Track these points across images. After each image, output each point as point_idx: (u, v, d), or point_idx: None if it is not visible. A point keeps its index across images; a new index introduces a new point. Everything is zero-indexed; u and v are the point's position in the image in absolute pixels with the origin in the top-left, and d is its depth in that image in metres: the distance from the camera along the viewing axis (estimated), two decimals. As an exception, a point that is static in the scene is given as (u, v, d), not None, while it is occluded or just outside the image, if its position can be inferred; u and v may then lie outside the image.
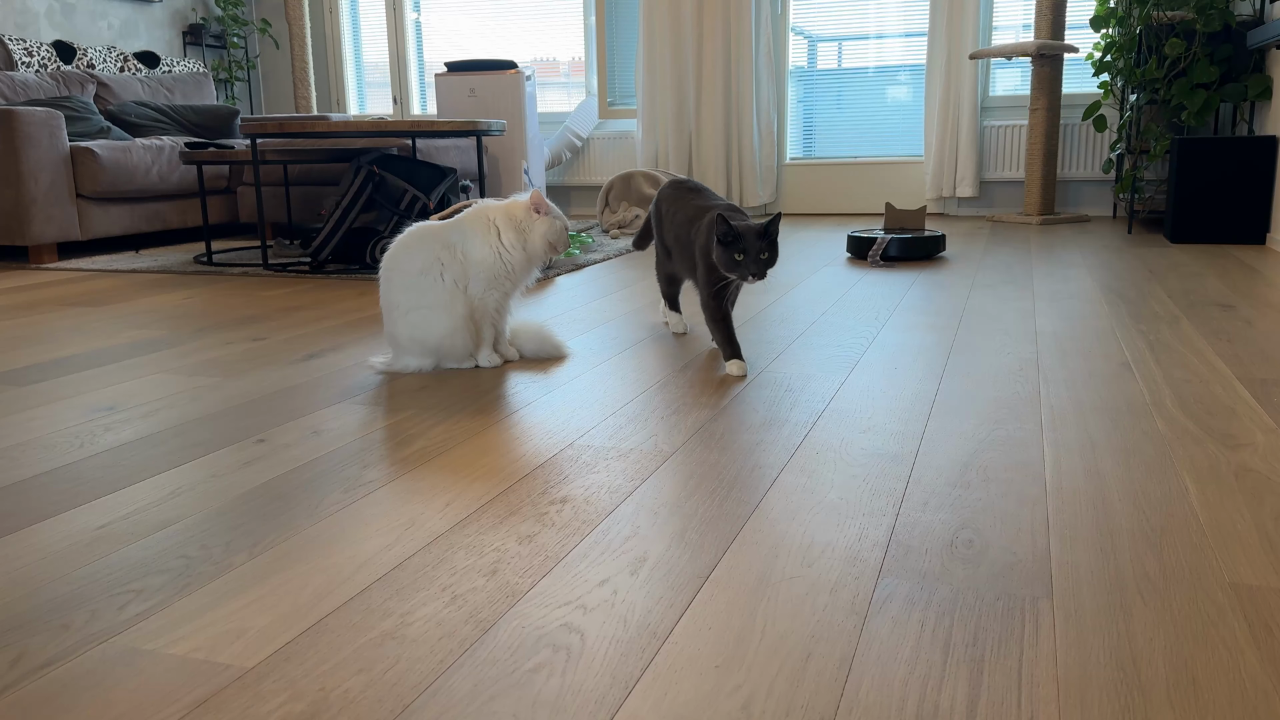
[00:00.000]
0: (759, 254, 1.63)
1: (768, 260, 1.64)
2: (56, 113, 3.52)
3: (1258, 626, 0.83)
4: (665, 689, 0.76)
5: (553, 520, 1.09)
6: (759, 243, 1.62)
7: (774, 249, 1.65)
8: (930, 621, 0.85)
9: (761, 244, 1.63)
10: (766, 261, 1.64)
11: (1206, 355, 1.81)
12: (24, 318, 2.46)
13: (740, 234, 1.62)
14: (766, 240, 1.64)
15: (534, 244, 1.77)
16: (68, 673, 0.80)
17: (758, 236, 1.62)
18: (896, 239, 3.17)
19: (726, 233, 1.62)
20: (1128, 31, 3.89)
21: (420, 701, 0.75)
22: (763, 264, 1.63)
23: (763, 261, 1.63)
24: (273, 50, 5.69)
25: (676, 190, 1.93)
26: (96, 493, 1.20)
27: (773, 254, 1.65)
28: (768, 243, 1.64)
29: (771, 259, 1.65)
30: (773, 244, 1.65)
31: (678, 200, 1.90)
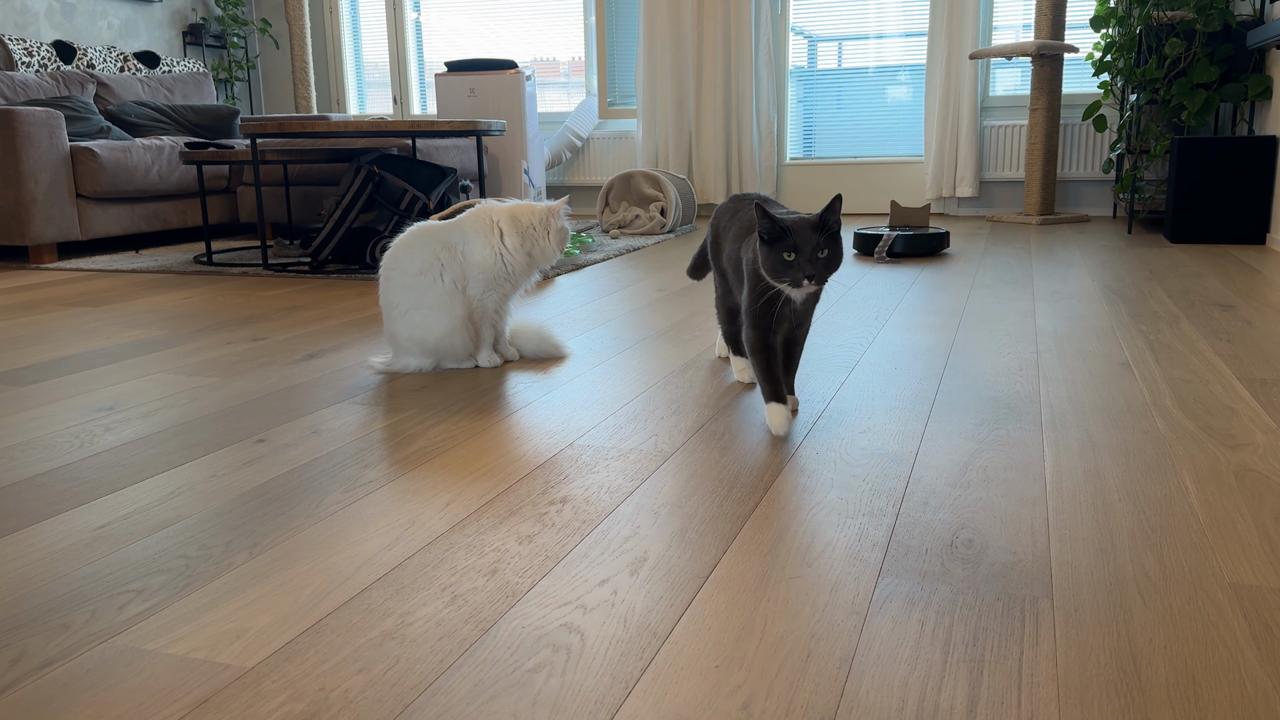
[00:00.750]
0: (815, 251, 1.26)
1: (827, 260, 1.27)
2: (56, 112, 3.52)
3: (1258, 626, 0.83)
4: (665, 689, 0.76)
5: (553, 520, 1.09)
6: (815, 237, 1.26)
7: (836, 245, 1.28)
8: (930, 621, 0.85)
9: (818, 239, 1.26)
10: (826, 261, 1.27)
11: (1206, 355, 1.81)
12: (24, 318, 2.46)
13: (789, 228, 1.27)
14: (825, 234, 1.27)
15: (547, 249, 1.77)
16: (67, 673, 0.80)
17: (813, 229, 1.27)
18: (902, 236, 3.26)
19: (770, 227, 1.26)
20: (1128, 31, 3.89)
21: (420, 701, 0.75)
22: (820, 264, 1.26)
23: (820, 261, 1.26)
24: (273, 50, 5.69)
25: (735, 204, 1.58)
26: (96, 493, 1.20)
27: (834, 252, 1.28)
28: (827, 237, 1.27)
29: (833, 258, 1.28)
30: (834, 239, 1.28)
31: (735, 216, 1.54)
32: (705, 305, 2.45)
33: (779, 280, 1.29)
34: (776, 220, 1.27)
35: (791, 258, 1.27)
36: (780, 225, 1.27)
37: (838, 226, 1.28)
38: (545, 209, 1.77)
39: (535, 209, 1.78)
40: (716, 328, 2.17)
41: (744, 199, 1.58)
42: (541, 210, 1.77)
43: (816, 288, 1.30)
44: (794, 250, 1.27)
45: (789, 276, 1.28)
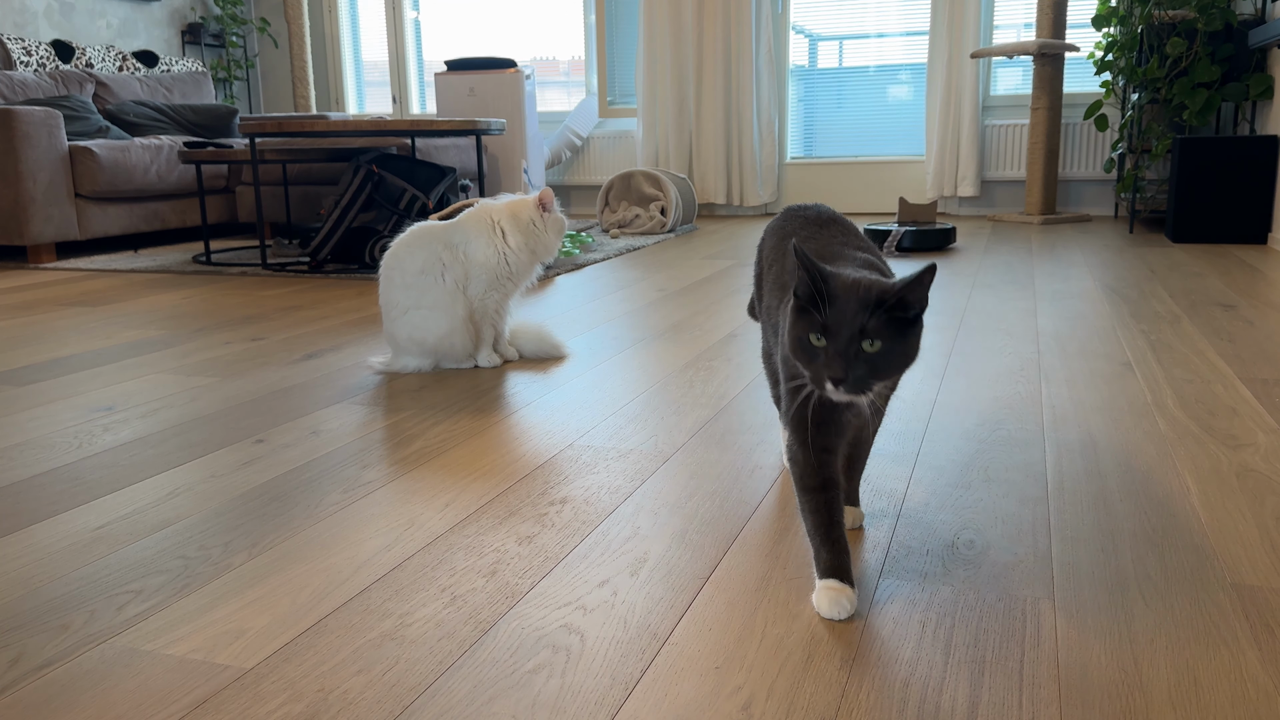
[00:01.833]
0: (857, 339, 0.79)
1: (875, 358, 0.80)
2: (55, 112, 3.52)
3: (1259, 627, 0.83)
4: (665, 690, 0.76)
5: (552, 521, 1.09)
6: (863, 316, 0.79)
7: (900, 337, 0.80)
8: (931, 622, 0.85)
9: (869, 320, 0.79)
10: (872, 360, 0.80)
11: (1208, 355, 1.81)
12: (22, 317, 2.46)
13: (829, 290, 0.80)
14: (879, 312, 0.79)
15: (549, 242, 1.77)
16: (67, 673, 0.79)
17: (865, 304, 0.79)
18: (910, 231, 3.38)
19: (805, 282, 0.81)
20: (1129, 30, 3.88)
21: (420, 702, 0.74)
22: (861, 363, 0.79)
23: (862, 358, 0.79)
24: (271, 49, 5.68)
25: (786, 222, 1.09)
26: (95, 493, 1.20)
27: (894, 347, 0.80)
28: (883, 318, 0.79)
29: (891, 356, 0.80)
30: (900, 328, 0.80)
31: (783, 241, 1.07)
32: (705, 305, 2.45)
33: (800, 364, 0.83)
34: (815, 271, 0.80)
35: (820, 342, 0.80)
36: (817, 282, 0.80)
37: (919, 308, 0.80)
38: (534, 201, 1.77)
39: (528, 203, 1.78)
40: (717, 328, 2.16)
41: (799, 215, 1.08)
42: (532, 202, 1.77)
43: (849, 397, 0.80)
44: (825, 331, 0.79)
45: (812, 369, 0.81)
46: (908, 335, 0.81)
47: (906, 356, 0.81)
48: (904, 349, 0.81)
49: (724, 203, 4.97)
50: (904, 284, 0.79)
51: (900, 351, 0.80)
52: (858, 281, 0.81)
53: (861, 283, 0.81)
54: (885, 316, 0.79)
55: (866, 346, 0.79)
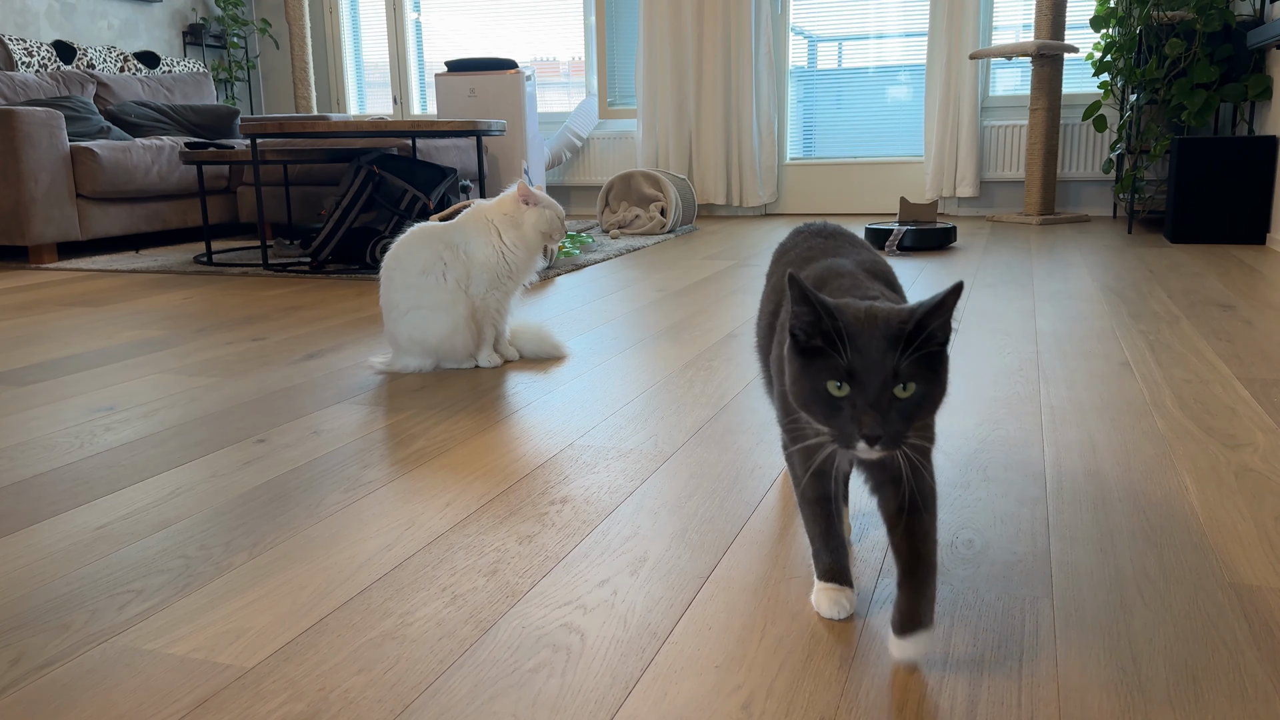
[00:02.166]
0: (885, 382, 0.68)
1: (910, 404, 0.69)
2: (56, 113, 3.52)
3: (1258, 626, 0.83)
4: (665, 689, 0.76)
5: (553, 520, 1.09)
6: (889, 356, 0.68)
7: (931, 372, 0.69)
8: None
9: (895, 359, 0.68)
10: (906, 407, 0.69)
11: (1206, 355, 1.81)
12: (24, 318, 2.46)
13: (849, 329, 0.69)
14: (909, 350, 0.68)
15: (528, 235, 1.76)
16: (67, 673, 0.80)
17: (891, 340, 0.68)
18: (911, 230, 3.41)
19: (809, 320, 0.70)
20: (1128, 31, 3.89)
21: (420, 701, 0.75)
22: (897, 412, 0.68)
23: (897, 407, 0.68)
24: (273, 50, 5.69)
25: (793, 238, 1.04)
26: (96, 493, 1.20)
27: (928, 386, 0.69)
28: (913, 355, 0.68)
29: (925, 398, 0.69)
30: (930, 362, 0.69)
31: (783, 252, 1.02)
32: (705, 305, 2.45)
33: (819, 421, 0.70)
34: (820, 308, 0.68)
35: (842, 391, 0.68)
36: (826, 319, 0.68)
37: (944, 337, 0.69)
38: (515, 196, 1.76)
39: (512, 197, 1.78)
40: (717, 328, 2.17)
41: (803, 230, 1.02)
42: (513, 198, 1.77)
43: (883, 453, 0.68)
44: (849, 378, 0.68)
45: (834, 425, 0.69)
46: (939, 370, 0.69)
47: (940, 395, 0.70)
48: (939, 388, 0.69)
49: (724, 203, 4.98)
50: (930, 309, 0.67)
51: (935, 392, 0.69)
52: (874, 313, 0.69)
53: (879, 314, 0.69)
54: (915, 353, 0.68)
55: (899, 392, 0.68)
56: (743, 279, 2.86)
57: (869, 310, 0.70)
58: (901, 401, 0.68)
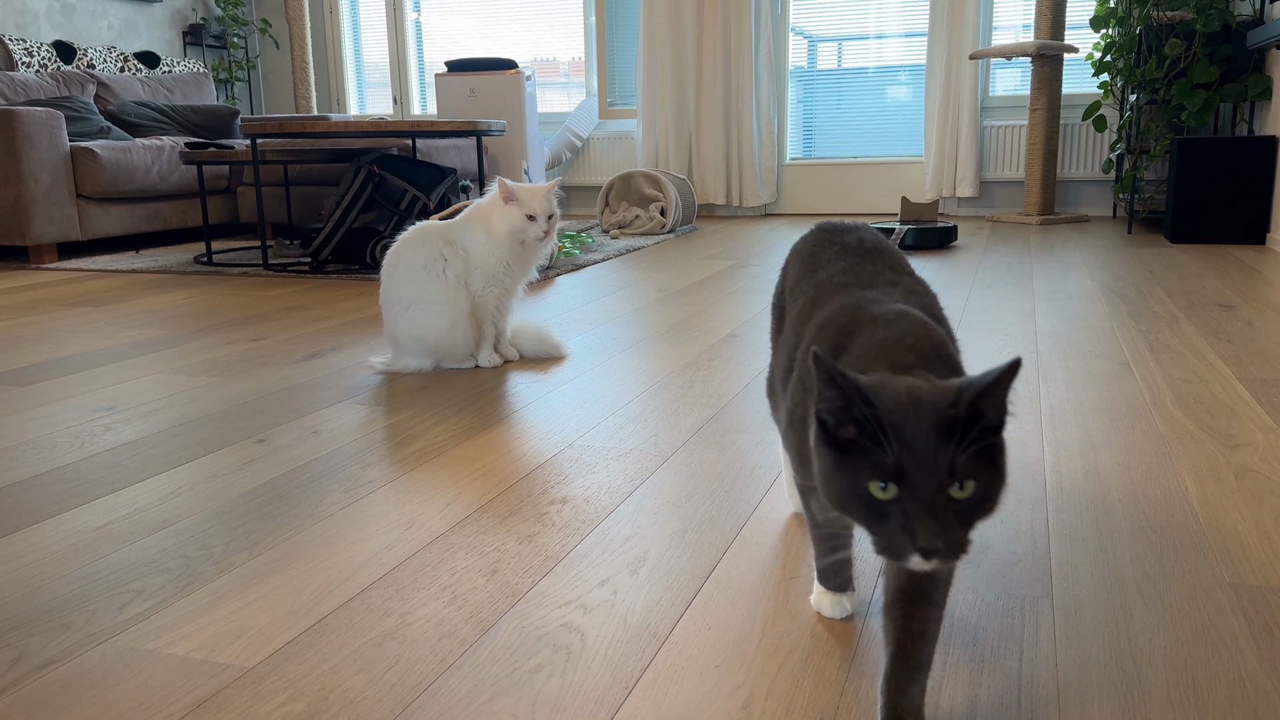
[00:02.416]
0: (940, 485, 0.57)
1: (971, 503, 0.58)
2: (56, 113, 3.52)
3: (1258, 626, 0.83)
4: (665, 689, 0.76)
5: (553, 520, 1.09)
6: (944, 451, 0.57)
7: (988, 461, 0.58)
8: (930, 621, 0.85)
9: (951, 453, 0.57)
10: (965, 509, 0.58)
11: (1206, 355, 1.81)
12: (24, 318, 2.46)
13: (893, 420, 0.58)
14: (964, 443, 0.57)
15: (497, 234, 1.74)
16: (68, 673, 0.80)
17: (945, 431, 0.57)
18: (912, 229, 3.44)
19: (839, 405, 0.59)
20: (1128, 31, 3.89)
21: (420, 701, 0.75)
22: (954, 515, 0.57)
23: (954, 509, 0.57)
24: (273, 50, 5.69)
25: (820, 249, 0.87)
26: (96, 493, 1.20)
27: (988, 480, 0.58)
28: (970, 450, 0.57)
29: (987, 496, 0.58)
30: (988, 454, 0.58)
31: (810, 267, 0.86)
32: (705, 305, 2.45)
33: (860, 524, 0.60)
34: (853, 392, 0.58)
35: (888, 493, 0.57)
36: (860, 406, 0.58)
37: (1000, 421, 0.59)
38: (496, 196, 1.75)
39: (496, 197, 1.77)
40: (717, 328, 2.17)
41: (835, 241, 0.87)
42: (495, 197, 1.76)
43: (941, 566, 0.58)
44: (899, 476, 0.57)
45: (881, 534, 0.58)
46: (997, 461, 0.58)
47: (1000, 492, 0.58)
48: (1000, 482, 0.58)
49: (724, 203, 4.98)
50: (981, 391, 0.57)
51: (996, 489, 0.58)
52: (918, 395, 0.58)
53: (924, 397, 0.57)
54: (971, 444, 0.57)
55: (955, 492, 0.57)
56: (743, 279, 2.86)
57: (911, 392, 0.58)
58: (959, 503, 0.57)
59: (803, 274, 0.86)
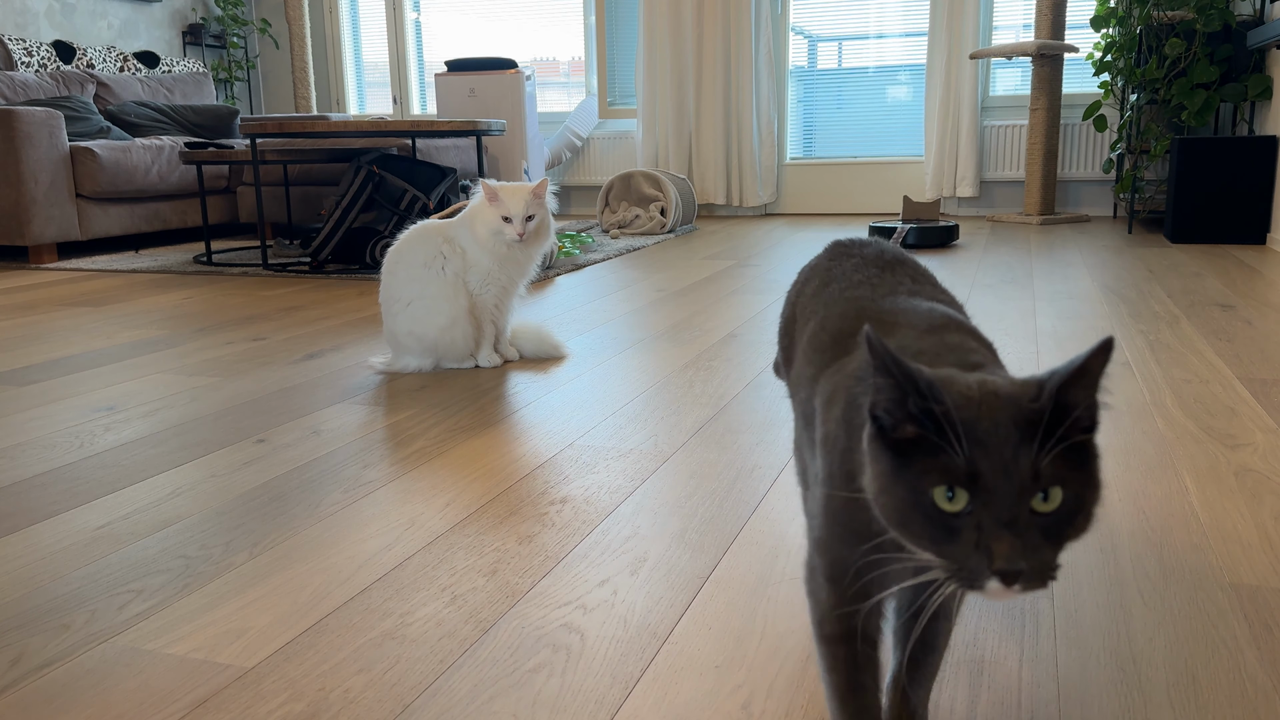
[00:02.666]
0: (1021, 492, 0.47)
1: (1058, 518, 0.48)
2: (56, 113, 3.52)
3: (1258, 626, 0.83)
4: (665, 689, 0.76)
5: (553, 520, 1.09)
6: (1025, 451, 0.47)
7: (1080, 467, 0.48)
8: (930, 621, 0.85)
9: (1029, 455, 0.47)
10: (1052, 525, 0.48)
11: (1206, 355, 1.81)
12: (24, 318, 2.46)
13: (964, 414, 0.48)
14: (1049, 443, 0.47)
15: (479, 234, 1.74)
16: (67, 673, 0.80)
17: (1025, 426, 0.48)
18: (915, 229, 3.47)
19: (895, 400, 0.50)
20: (1128, 31, 3.89)
21: (420, 701, 0.74)
22: (1033, 533, 0.47)
23: (1040, 524, 0.47)
24: (272, 50, 5.69)
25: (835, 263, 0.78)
26: (96, 493, 1.20)
27: (1080, 487, 0.48)
28: (1056, 452, 0.48)
29: (1078, 508, 0.48)
30: (1078, 455, 0.49)
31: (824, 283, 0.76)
32: (705, 305, 2.45)
33: (918, 545, 0.50)
34: (912, 382, 0.49)
35: (957, 503, 0.48)
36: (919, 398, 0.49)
37: (1092, 419, 0.50)
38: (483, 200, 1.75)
39: (483, 200, 1.76)
40: (717, 328, 2.16)
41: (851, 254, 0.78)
42: (483, 200, 1.75)
43: (1024, 593, 0.48)
44: (970, 481, 0.48)
45: (949, 554, 0.49)
46: (1090, 467, 0.49)
47: (1095, 504, 0.49)
48: (1094, 492, 0.49)
49: (724, 203, 4.98)
50: (1067, 378, 0.48)
51: (1089, 500, 0.49)
52: (991, 389, 0.49)
53: (1000, 390, 0.49)
54: (1058, 445, 0.47)
55: (1039, 505, 0.47)
56: (743, 279, 2.85)
57: (983, 385, 0.49)
58: (1045, 517, 0.47)
59: (816, 291, 0.75)
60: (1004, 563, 0.46)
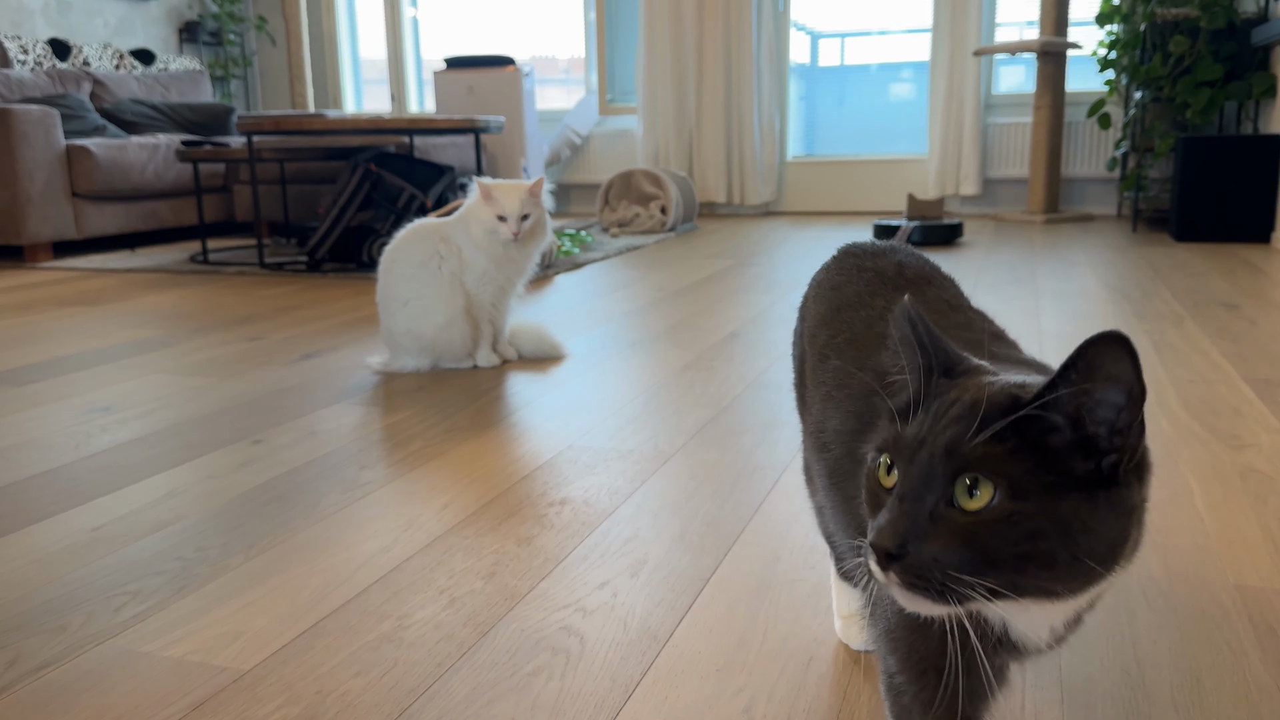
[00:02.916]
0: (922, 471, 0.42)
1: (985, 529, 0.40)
2: (52, 111, 3.51)
3: (1263, 629, 0.82)
4: (666, 692, 0.75)
5: (552, 522, 1.08)
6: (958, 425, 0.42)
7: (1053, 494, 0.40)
8: (933, 624, 0.84)
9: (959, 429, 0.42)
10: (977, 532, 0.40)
11: (1211, 355, 1.80)
12: (19, 318, 2.45)
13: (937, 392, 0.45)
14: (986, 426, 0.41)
15: (474, 234, 1.73)
16: (64, 675, 0.79)
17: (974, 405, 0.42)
18: (920, 226, 3.51)
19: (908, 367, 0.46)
20: (1132, 28, 3.88)
21: (418, 705, 0.74)
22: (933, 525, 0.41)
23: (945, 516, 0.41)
24: (269, 47, 5.67)
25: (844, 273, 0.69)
26: (92, 494, 1.19)
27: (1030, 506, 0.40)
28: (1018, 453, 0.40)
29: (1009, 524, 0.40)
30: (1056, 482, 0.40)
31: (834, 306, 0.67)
32: (705, 305, 2.44)
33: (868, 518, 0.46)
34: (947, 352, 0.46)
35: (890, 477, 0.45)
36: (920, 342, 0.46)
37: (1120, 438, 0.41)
38: (478, 199, 1.74)
39: (477, 198, 1.75)
40: (718, 328, 2.16)
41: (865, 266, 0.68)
42: (478, 198, 1.75)
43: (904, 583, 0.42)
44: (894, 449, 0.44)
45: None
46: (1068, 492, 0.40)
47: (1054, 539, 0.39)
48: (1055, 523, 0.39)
49: (724, 201, 4.97)
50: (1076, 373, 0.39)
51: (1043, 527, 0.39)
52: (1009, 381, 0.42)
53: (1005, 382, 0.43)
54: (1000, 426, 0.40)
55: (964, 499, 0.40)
56: (744, 278, 2.85)
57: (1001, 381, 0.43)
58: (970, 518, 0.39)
59: (825, 316, 0.64)
60: (874, 535, 0.41)
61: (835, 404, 0.59)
